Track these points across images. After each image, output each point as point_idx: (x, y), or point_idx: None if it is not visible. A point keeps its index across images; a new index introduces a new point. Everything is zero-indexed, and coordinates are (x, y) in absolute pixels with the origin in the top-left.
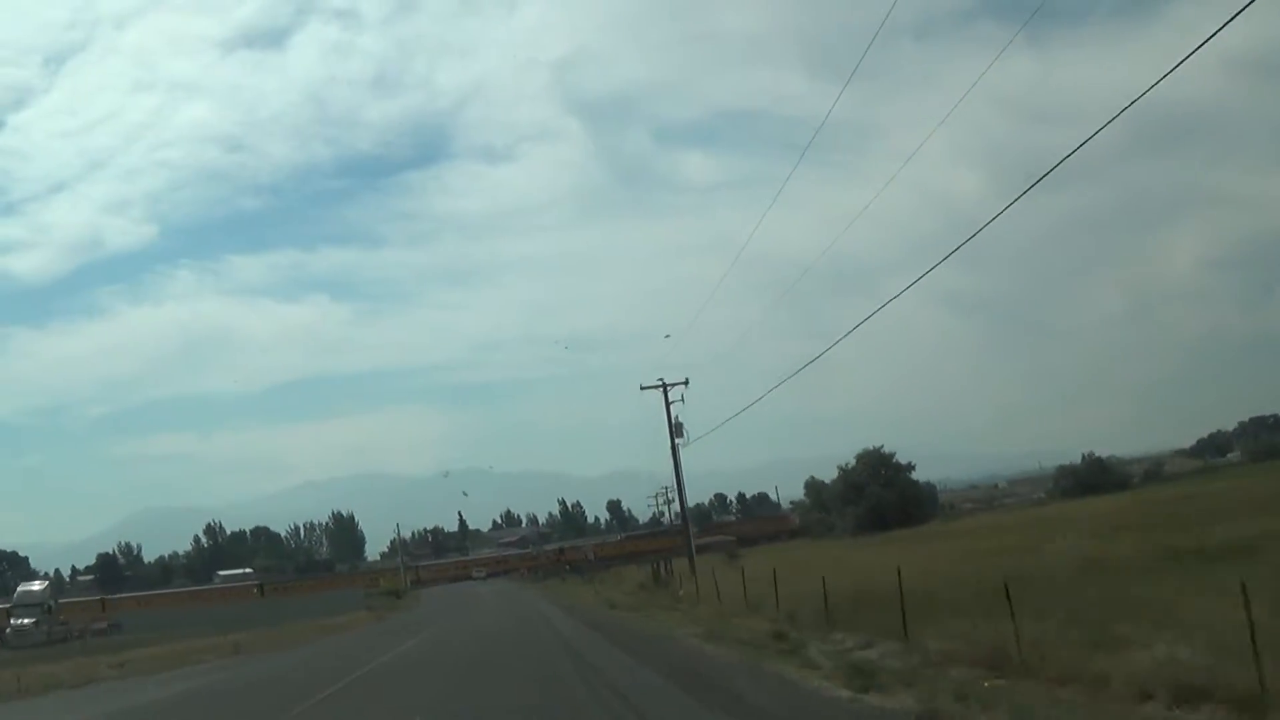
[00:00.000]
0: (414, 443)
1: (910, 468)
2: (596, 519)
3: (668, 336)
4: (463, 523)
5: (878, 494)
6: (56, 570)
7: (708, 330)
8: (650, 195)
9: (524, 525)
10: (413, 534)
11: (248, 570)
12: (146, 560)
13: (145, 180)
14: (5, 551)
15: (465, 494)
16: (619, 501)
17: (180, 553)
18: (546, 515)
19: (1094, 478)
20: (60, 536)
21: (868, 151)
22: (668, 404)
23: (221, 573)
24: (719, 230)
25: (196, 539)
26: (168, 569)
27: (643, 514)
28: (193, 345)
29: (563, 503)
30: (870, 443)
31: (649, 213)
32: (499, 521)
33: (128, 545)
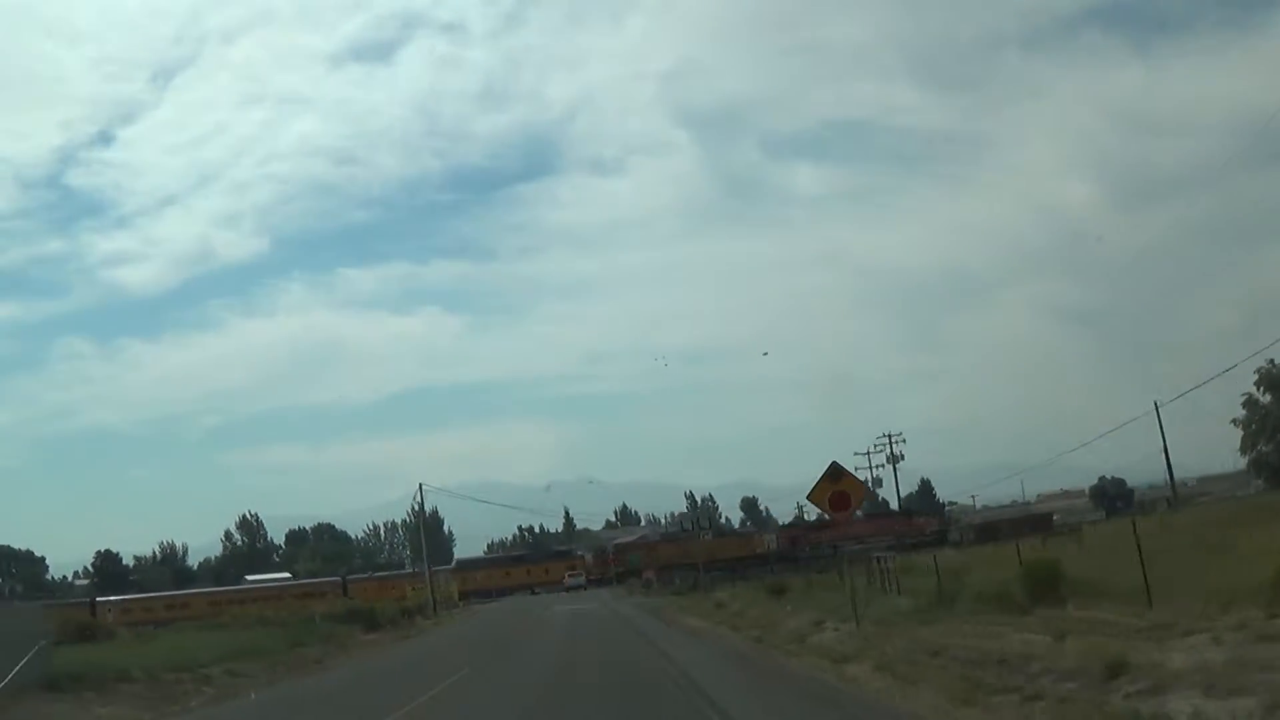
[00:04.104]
0: (525, 452)
1: None
2: (727, 519)
3: (765, 354)
4: (569, 520)
5: None
6: (75, 572)
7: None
8: (759, 207)
9: (643, 524)
10: (512, 536)
11: (285, 575)
12: (192, 563)
13: (255, 193)
14: (19, 550)
15: (566, 509)
16: (755, 499)
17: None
18: (667, 514)
19: None
20: (172, 542)
21: (979, 163)
22: None
23: (252, 576)
24: (828, 243)
25: (227, 535)
26: (182, 572)
27: (784, 515)
28: (305, 357)
29: (691, 497)
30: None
31: (758, 224)
32: (613, 520)
33: (170, 545)
